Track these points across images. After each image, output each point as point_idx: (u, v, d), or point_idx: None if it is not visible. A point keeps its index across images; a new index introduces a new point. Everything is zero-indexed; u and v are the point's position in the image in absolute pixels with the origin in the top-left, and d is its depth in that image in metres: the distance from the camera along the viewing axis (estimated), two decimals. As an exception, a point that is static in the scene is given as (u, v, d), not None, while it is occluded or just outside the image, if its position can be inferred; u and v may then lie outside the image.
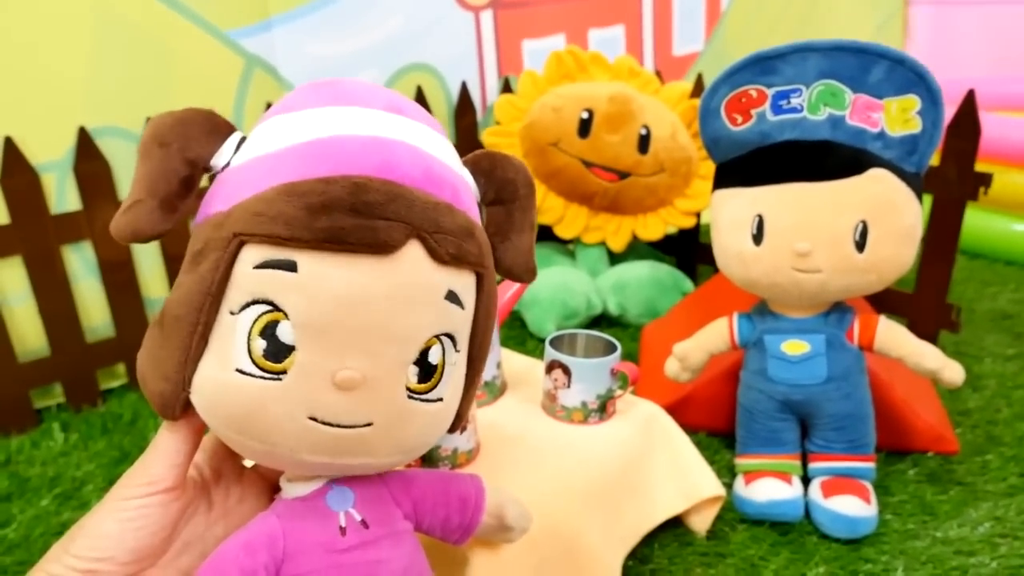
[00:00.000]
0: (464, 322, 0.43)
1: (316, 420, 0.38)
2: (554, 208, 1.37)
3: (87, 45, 1.03)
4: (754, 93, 0.81)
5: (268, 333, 0.37)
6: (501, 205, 0.46)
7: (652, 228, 1.39)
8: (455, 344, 0.42)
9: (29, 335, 1.07)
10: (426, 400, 0.41)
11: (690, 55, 1.78)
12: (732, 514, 0.85)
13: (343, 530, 0.43)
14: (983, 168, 1.07)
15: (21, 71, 0.99)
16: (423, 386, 0.41)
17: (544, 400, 0.77)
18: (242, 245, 0.37)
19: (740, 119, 0.83)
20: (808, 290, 0.80)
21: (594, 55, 1.37)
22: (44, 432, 1.05)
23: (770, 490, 0.83)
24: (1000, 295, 1.44)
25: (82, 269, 1.10)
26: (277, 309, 0.37)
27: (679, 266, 1.51)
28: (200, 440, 0.44)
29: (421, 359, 0.40)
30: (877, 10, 2.10)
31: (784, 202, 0.79)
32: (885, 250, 0.77)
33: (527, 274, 0.48)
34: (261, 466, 0.49)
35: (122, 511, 0.40)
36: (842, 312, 0.84)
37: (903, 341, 0.82)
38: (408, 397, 0.40)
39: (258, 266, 0.37)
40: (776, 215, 0.79)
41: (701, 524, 0.82)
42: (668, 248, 1.56)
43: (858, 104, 0.77)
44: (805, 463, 0.87)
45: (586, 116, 1.30)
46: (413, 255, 0.38)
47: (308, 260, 0.37)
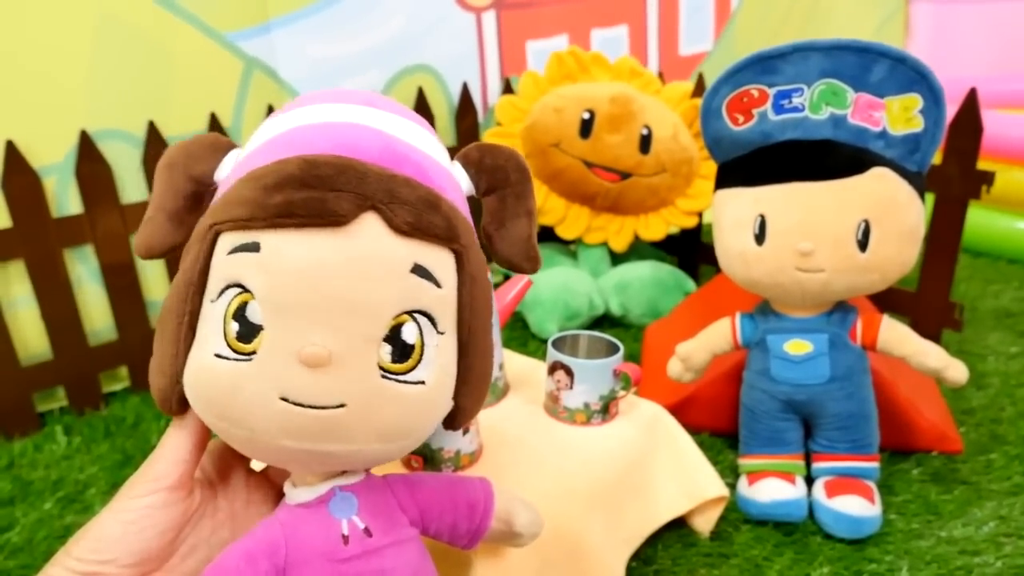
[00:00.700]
0: (442, 301, 0.41)
1: (288, 401, 0.37)
2: (556, 209, 1.37)
3: (87, 48, 1.03)
4: (755, 93, 0.81)
5: (239, 315, 0.38)
6: (494, 193, 0.46)
7: (654, 228, 1.38)
8: (435, 324, 0.41)
9: (32, 338, 1.07)
10: (404, 381, 0.40)
11: (697, 55, 1.77)
12: (736, 514, 0.85)
13: (346, 539, 0.42)
14: (985, 166, 1.07)
15: (20, 74, 0.99)
16: (399, 366, 0.39)
17: (547, 401, 0.77)
18: (218, 235, 0.39)
19: (742, 119, 0.83)
20: (811, 290, 0.80)
21: (595, 55, 1.37)
22: (47, 435, 1.05)
23: (774, 490, 0.83)
24: (1003, 293, 1.44)
25: (84, 273, 1.10)
26: (246, 290, 0.38)
27: (681, 266, 1.51)
28: (207, 439, 0.44)
29: (394, 337, 0.39)
30: (878, 8, 2.10)
31: (786, 202, 0.79)
32: (888, 249, 0.77)
33: (528, 263, 0.46)
34: (268, 470, 0.49)
35: (126, 512, 0.40)
36: (845, 312, 0.84)
37: (906, 340, 0.82)
38: (382, 377, 0.39)
39: (230, 252, 0.39)
40: (778, 215, 0.79)
41: (705, 525, 0.82)
42: (670, 248, 1.56)
43: (860, 103, 0.77)
44: (809, 463, 0.87)
45: (587, 117, 1.30)
46: (370, 226, 0.38)
47: (268, 238, 0.38)
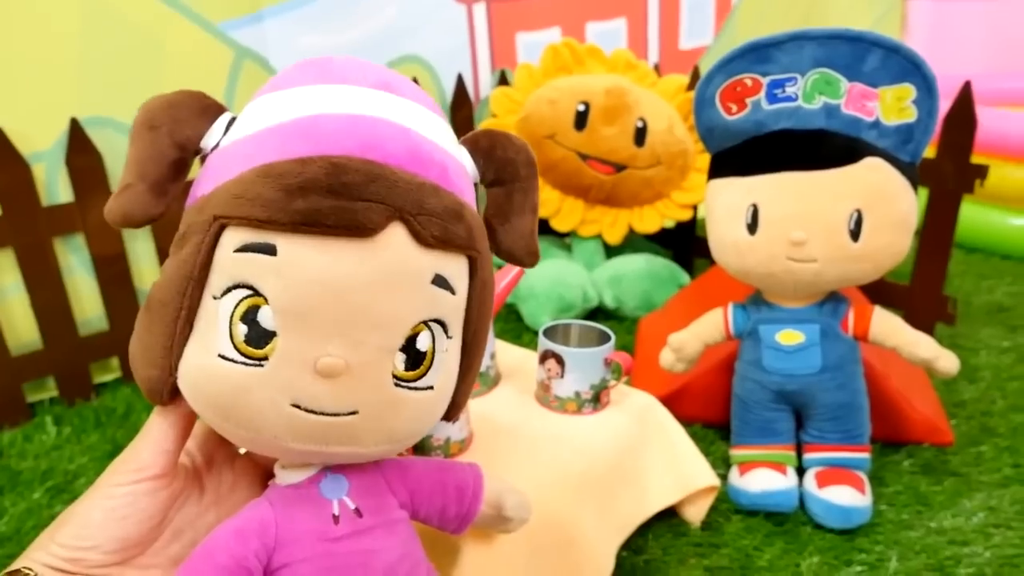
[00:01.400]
0: (455, 308, 0.41)
1: (299, 408, 0.37)
2: (550, 201, 1.36)
3: (76, 35, 1.02)
4: (749, 82, 0.81)
5: (249, 318, 0.36)
6: (501, 186, 0.45)
7: (648, 221, 1.38)
8: (446, 331, 0.41)
9: (22, 328, 1.07)
10: (415, 388, 0.40)
11: (698, 49, 1.77)
12: (726, 504, 0.85)
13: (336, 518, 0.42)
14: (979, 161, 1.07)
15: (9, 60, 0.98)
16: (411, 373, 0.39)
17: (538, 390, 0.77)
18: (223, 228, 0.37)
19: (735, 108, 0.82)
20: (803, 279, 0.80)
21: (591, 48, 1.36)
22: (37, 426, 1.05)
23: (764, 480, 0.83)
24: (996, 288, 1.44)
25: (75, 262, 1.09)
26: (258, 294, 0.36)
27: (675, 259, 1.51)
28: (191, 427, 0.43)
29: (408, 345, 0.39)
30: (875, 4, 2.10)
31: (779, 191, 0.79)
32: (880, 239, 0.77)
33: (528, 257, 0.46)
34: (254, 453, 0.49)
35: (109, 499, 0.40)
36: (837, 302, 0.84)
37: (898, 331, 0.82)
38: (395, 384, 0.39)
39: (238, 249, 0.36)
40: (771, 204, 0.79)
41: (695, 514, 0.82)
42: (664, 241, 1.56)
43: (853, 93, 0.77)
44: (800, 454, 0.87)
45: (582, 109, 1.29)
46: (396, 238, 0.37)
47: (287, 243, 0.36)
